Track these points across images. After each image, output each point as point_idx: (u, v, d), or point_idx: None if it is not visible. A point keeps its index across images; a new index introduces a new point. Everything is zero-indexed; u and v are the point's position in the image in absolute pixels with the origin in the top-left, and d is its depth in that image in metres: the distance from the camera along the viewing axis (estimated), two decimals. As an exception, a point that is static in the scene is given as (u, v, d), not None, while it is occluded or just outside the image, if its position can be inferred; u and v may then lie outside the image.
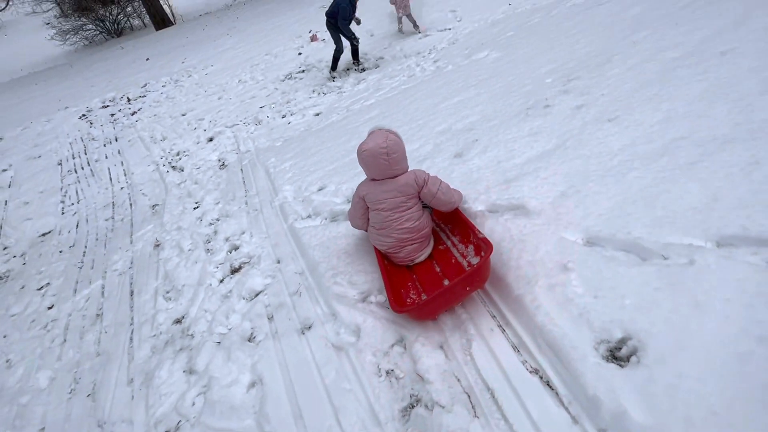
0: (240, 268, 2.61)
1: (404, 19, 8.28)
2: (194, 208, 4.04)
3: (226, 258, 2.76)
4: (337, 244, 2.31)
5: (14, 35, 27.02)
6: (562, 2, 6.86)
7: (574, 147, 2.32)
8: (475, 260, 1.98)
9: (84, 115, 9.45)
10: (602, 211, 1.78)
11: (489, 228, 2.01)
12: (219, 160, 5.55)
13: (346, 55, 7.26)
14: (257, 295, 2.29)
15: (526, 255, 1.72)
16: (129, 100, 9.62)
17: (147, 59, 12.56)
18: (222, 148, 5.92)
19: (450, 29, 7.85)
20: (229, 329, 2.11)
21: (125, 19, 21.59)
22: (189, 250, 3.11)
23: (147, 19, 20.18)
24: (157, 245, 3.49)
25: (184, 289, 2.58)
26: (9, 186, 7.06)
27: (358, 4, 7.01)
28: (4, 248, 5.27)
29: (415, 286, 2.07)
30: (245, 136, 6.05)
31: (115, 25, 21.24)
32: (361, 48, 7.76)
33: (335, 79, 7.09)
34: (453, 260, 2.11)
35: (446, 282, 2.00)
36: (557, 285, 1.54)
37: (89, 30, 20.87)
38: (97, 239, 4.47)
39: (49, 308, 3.22)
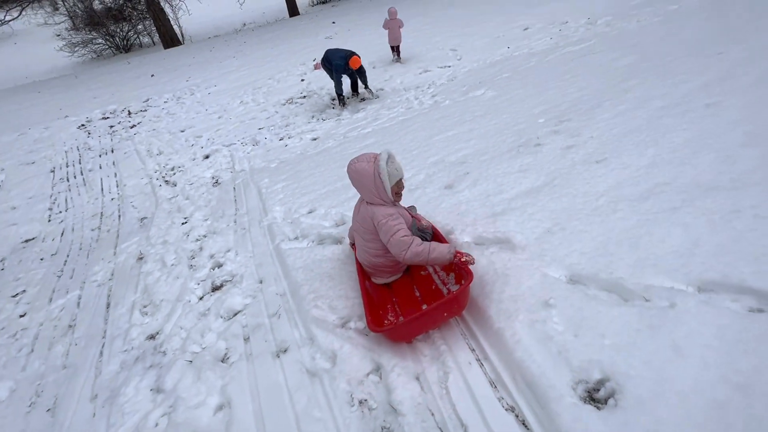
0: (221, 286, 2.56)
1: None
2: (182, 223, 4.00)
3: (209, 275, 2.71)
4: (321, 267, 2.29)
5: (24, 44, 27.43)
6: (558, 49, 7.14)
7: (562, 185, 2.36)
8: (455, 288, 1.98)
9: (83, 125, 9.49)
10: (586, 249, 1.79)
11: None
12: (213, 178, 5.55)
13: (347, 88, 7.45)
14: (236, 314, 2.23)
15: (508, 289, 1.71)
16: (130, 113, 9.70)
17: (152, 75, 12.76)
18: (217, 166, 5.94)
19: (450, 66, 8.10)
20: (203, 348, 2.04)
21: (135, 36, 22.09)
22: (172, 264, 3.06)
23: (156, 38, 20.66)
24: (141, 258, 3.44)
25: (162, 305, 2.51)
26: (-2, 190, 6.98)
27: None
28: (-16, 252, 5.15)
29: (394, 309, 2.06)
30: (241, 156, 6.08)
31: (125, 41, 21.70)
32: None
33: (343, 108, 7.27)
34: (433, 286, 2.11)
35: (425, 307, 1.98)
36: (538, 321, 1.52)
37: (98, 44, 21.29)
38: (80, 249, 4.39)
39: (21, 316, 3.12)
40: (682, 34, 5.62)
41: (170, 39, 19.22)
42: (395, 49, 9.29)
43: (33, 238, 5.24)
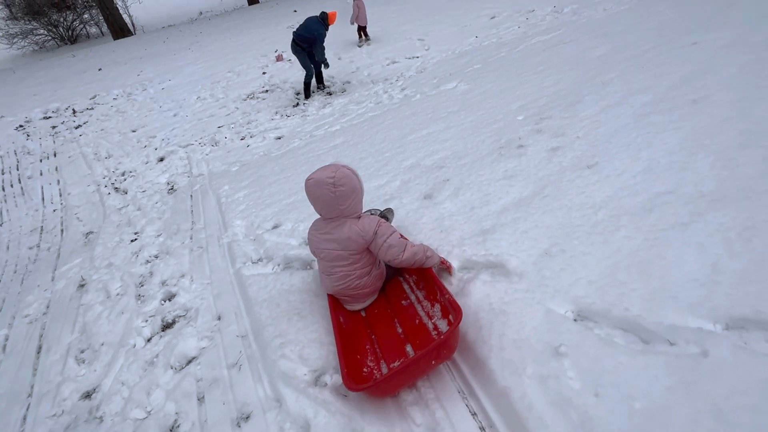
0: (173, 323, 2.21)
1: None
2: (132, 241, 3.58)
3: (158, 309, 2.35)
4: (289, 301, 1.99)
5: (-45, 35, 25.10)
6: (527, 39, 6.98)
7: (554, 195, 2.14)
8: (442, 323, 1.73)
9: (21, 126, 8.64)
10: (592, 277, 1.57)
11: (464, 290, 1.75)
12: (168, 184, 5.09)
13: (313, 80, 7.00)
14: (189, 363, 1.90)
15: (510, 332, 1.47)
16: (75, 112, 8.91)
17: (100, 69, 11.83)
18: (173, 170, 5.46)
19: (418, 57, 7.82)
20: (149, 412, 1.70)
21: (81, 26, 20.55)
22: (117, 294, 2.67)
23: (105, 28, 19.27)
24: (82, 285, 3.01)
25: (102, 350, 2.14)
26: None
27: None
28: None
29: (373, 350, 1.79)
30: (199, 158, 5.62)
31: (70, 32, 20.15)
32: (329, 71, 7.56)
33: (309, 100, 6.81)
34: (417, 320, 1.85)
35: (408, 347, 1.73)
36: (550, 376, 1.29)
37: (40, 35, 19.67)
38: (15, 272, 3.88)
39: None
40: (650, 23, 5.54)
41: (119, 29, 17.97)
42: (363, 31, 9.14)
43: (-39, 259, 4.64)
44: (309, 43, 6.48)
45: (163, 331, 2.19)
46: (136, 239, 3.57)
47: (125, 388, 1.84)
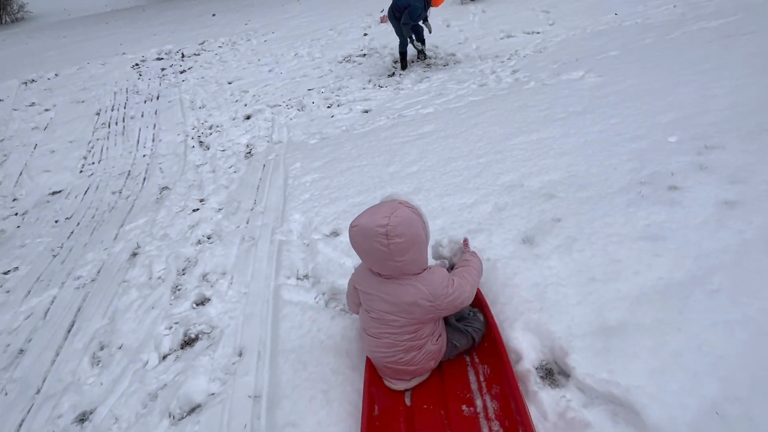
0: (195, 340, 1.92)
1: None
2: (194, 210, 3.41)
3: (186, 317, 2.07)
4: (320, 363, 1.54)
5: (107, -30, 27.83)
6: (686, 23, 5.55)
7: (730, 292, 1.39)
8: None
9: (137, 65, 9.17)
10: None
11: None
12: (247, 146, 4.93)
13: (413, 48, 6.32)
14: (190, 412, 1.57)
15: None
16: (183, 56, 9.23)
17: (213, 15, 12.18)
18: (255, 132, 5.30)
19: (539, 33, 6.71)
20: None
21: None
22: (158, 278, 2.46)
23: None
24: (134, 255, 2.89)
25: (117, 356, 1.92)
26: (45, 128, 6.83)
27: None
28: (14, 199, 4.96)
29: None
30: (283, 122, 5.38)
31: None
32: (433, 40, 6.81)
33: (405, 72, 6.17)
34: (468, 409, 1.37)
35: None
36: None
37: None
38: (92, 218, 3.97)
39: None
40: None
41: (240, -26, 18.40)
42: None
43: (60, 191, 4.95)
44: (401, 11, 5.73)
45: (181, 348, 1.91)
46: (197, 210, 3.39)
47: (116, 425, 1.58)
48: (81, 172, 5.38)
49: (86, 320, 2.26)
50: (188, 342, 1.93)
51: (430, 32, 6.11)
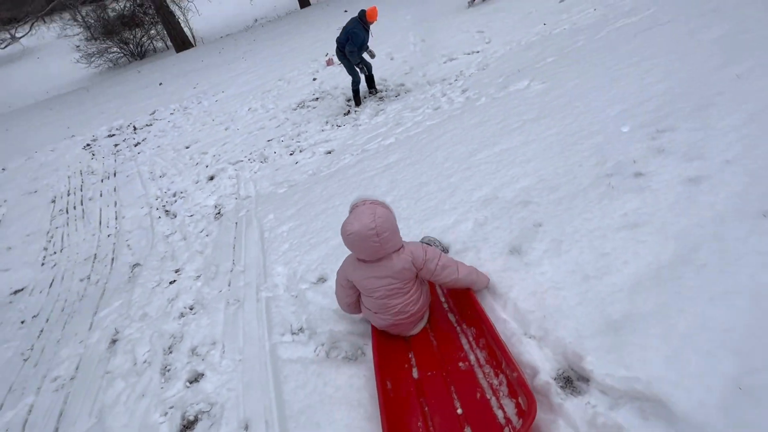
0: (195, 422, 1.79)
1: None
2: (170, 282, 3.28)
3: (181, 397, 1.94)
4: (334, 419, 1.46)
5: (46, 58, 27.60)
6: (608, 23, 5.96)
7: (718, 263, 1.42)
8: (510, 406, 1.43)
9: (88, 145, 8.99)
10: None
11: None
12: (215, 207, 4.84)
13: (363, 86, 6.50)
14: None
15: None
16: (135, 129, 9.12)
17: (160, 84, 12.20)
18: (221, 191, 5.23)
19: (479, 52, 7.05)
20: None
21: (149, 41, 21.68)
22: (144, 362, 2.32)
23: (170, 42, 20.14)
24: (114, 341, 2.72)
25: (110, 458, 1.77)
26: (-2, 226, 6.52)
27: (372, 30, 6.14)
28: (-28, 307, 4.63)
29: (426, 429, 1.53)
30: (248, 177, 5.35)
31: (139, 48, 21.32)
32: (381, 73, 7.03)
33: (357, 112, 6.28)
34: (479, 394, 1.56)
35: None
36: None
37: (113, 52, 20.99)
38: (62, 311, 3.76)
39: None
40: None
41: (182, 42, 18.68)
42: None
43: (22, 289, 4.67)
44: (344, 52, 5.96)
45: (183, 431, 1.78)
46: (174, 281, 3.26)
47: None
48: (43, 264, 5.11)
49: (71, 425, 2.08)
50: (188, 426, 1.80)
51: (372, 57, 6.28)
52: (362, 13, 5.87)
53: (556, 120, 3.27)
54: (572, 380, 1.34)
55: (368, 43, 6.08)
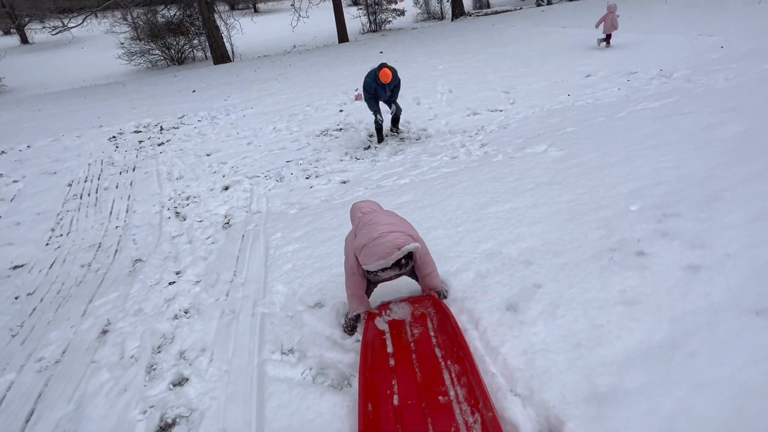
0: (172, 425, 1.79)
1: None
2: (170, 283, 3.32)
3: (163, 398, 1.95)
4: (310, 444, 1.48)
5: (90, 49, 28.89)
6: (630, 104, 6.23)
7: (709, 354, 1.46)
8: None
9: (114, 137, 9.25)
10: None
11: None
12: (225, 216, 4.93)
13: (387, 122, 6.73)
14: None
15: None
16: (162, 129, 9.40)
17: (193, 91, 12.65)
18: (233, 202, 5.34)
19: (501, 111, 7.31)
20: None
21: (190, 50, 22.66)
22: (130, 357, 2.33)
23: (209, 53, 21.04)
24: (105, 332, 2.74)
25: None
26: (12, 200, 6.65)
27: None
28: (-30, 276, 4.66)
29: None
30: (262, 193, 5.46)
31: (179, 54, 22.27)
32: (406, 116, 7.29)
33: (377, 149, 6.48)
34: (453, 429, 1.61)
35: None
36: None
37: (154, 54, 21.93)
38: (58, 293, 3.78)
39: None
40: (798, 101, 4.63)
41: (221, 55, 19.50)
42: (608, 38, 10.18)
43: (22, 265, 4.71)
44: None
45: (158, 435, 1.78)
46: (174, 282, 3.30)
47: None
48: (47, 244, 5.17)
49: (49, 407, 2.08)
50: (165, 428, 1.80)
51: (390, 113, 6.58)
52: (379, 68, 6.11)
53: (568, 188, 3.37)
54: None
55: (393, 90, 6.35)
